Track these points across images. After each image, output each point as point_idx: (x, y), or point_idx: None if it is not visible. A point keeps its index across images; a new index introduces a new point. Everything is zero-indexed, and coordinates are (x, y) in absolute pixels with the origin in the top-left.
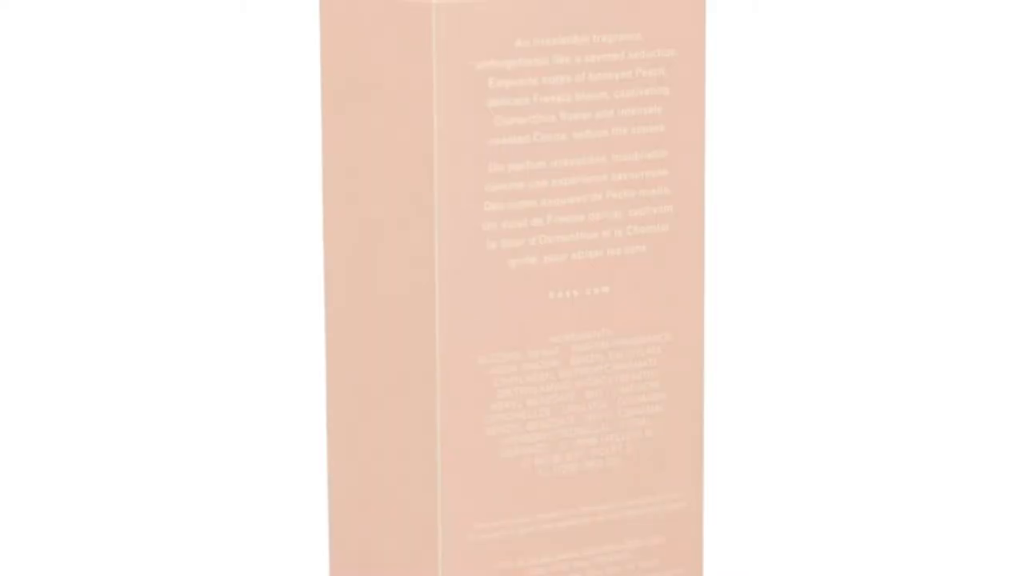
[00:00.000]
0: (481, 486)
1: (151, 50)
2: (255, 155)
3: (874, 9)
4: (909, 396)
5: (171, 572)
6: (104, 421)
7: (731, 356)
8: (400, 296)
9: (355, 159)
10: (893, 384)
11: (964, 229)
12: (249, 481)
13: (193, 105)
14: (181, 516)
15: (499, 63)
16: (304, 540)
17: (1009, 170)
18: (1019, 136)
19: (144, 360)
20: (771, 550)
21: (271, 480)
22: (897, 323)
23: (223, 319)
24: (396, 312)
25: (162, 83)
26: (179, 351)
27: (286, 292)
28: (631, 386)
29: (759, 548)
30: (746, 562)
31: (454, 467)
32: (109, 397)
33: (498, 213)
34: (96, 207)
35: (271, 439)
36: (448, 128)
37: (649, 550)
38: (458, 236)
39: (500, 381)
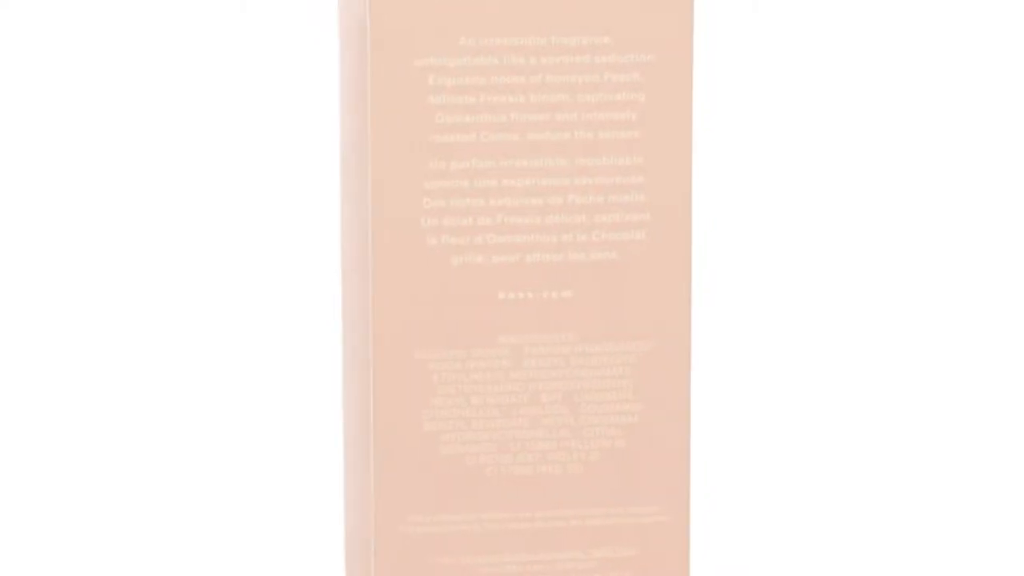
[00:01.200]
0: (416, 480)
1: (151, 48)
2: (279, 150)
3: (878, 9)
4: (900, 405)
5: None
6: (113, 416)
7: (725, 368)
8: (355, 289)
9: (346, 155)
10: (884, 391)
11: (949, 246)
12: (268, 476)
13: (221, 104)
14: (193, 510)
15: (440, 60)
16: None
17: (1000, 173)
18: (1008, 137)
19: (155, 356)
20: (767, 568)
21: (294, 474)
22: (888, 331)
23: (243, 318)
24: (354, 305)
25: (167, 81)
26: (185, 350)
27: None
28: (599, 394)
29: (755, 566)
30: None
31: (387, 459)
32: (118, 393)
33: (439, 210)
34: (101, 206)
35: (298, 431)
36: (384, 123)
37: (620, 562)
38: (394, 230)
39: (441, 377)
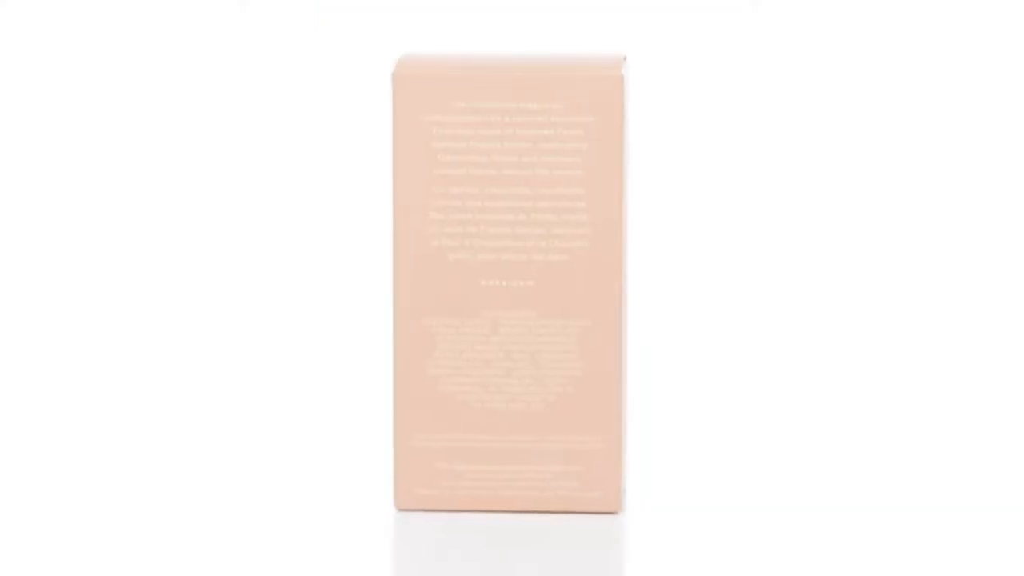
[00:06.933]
0: (423, 409)
1: (154, 48)
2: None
3: (883, 14)
4: (822, 381)
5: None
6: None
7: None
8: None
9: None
10: (807, 370)
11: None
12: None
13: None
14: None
15: (442, 117)
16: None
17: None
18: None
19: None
20: (685, 486)
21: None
22: (816, 329)
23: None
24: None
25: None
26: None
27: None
28: (554, 354)
29: (674, 486)
30: (662, 494)
31: (405, 394)
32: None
33: (439, 221)
34: (106, 207)
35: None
36: (404, 159)
37: (567, 475)
38: (409, 235)
39: (441, 337)
